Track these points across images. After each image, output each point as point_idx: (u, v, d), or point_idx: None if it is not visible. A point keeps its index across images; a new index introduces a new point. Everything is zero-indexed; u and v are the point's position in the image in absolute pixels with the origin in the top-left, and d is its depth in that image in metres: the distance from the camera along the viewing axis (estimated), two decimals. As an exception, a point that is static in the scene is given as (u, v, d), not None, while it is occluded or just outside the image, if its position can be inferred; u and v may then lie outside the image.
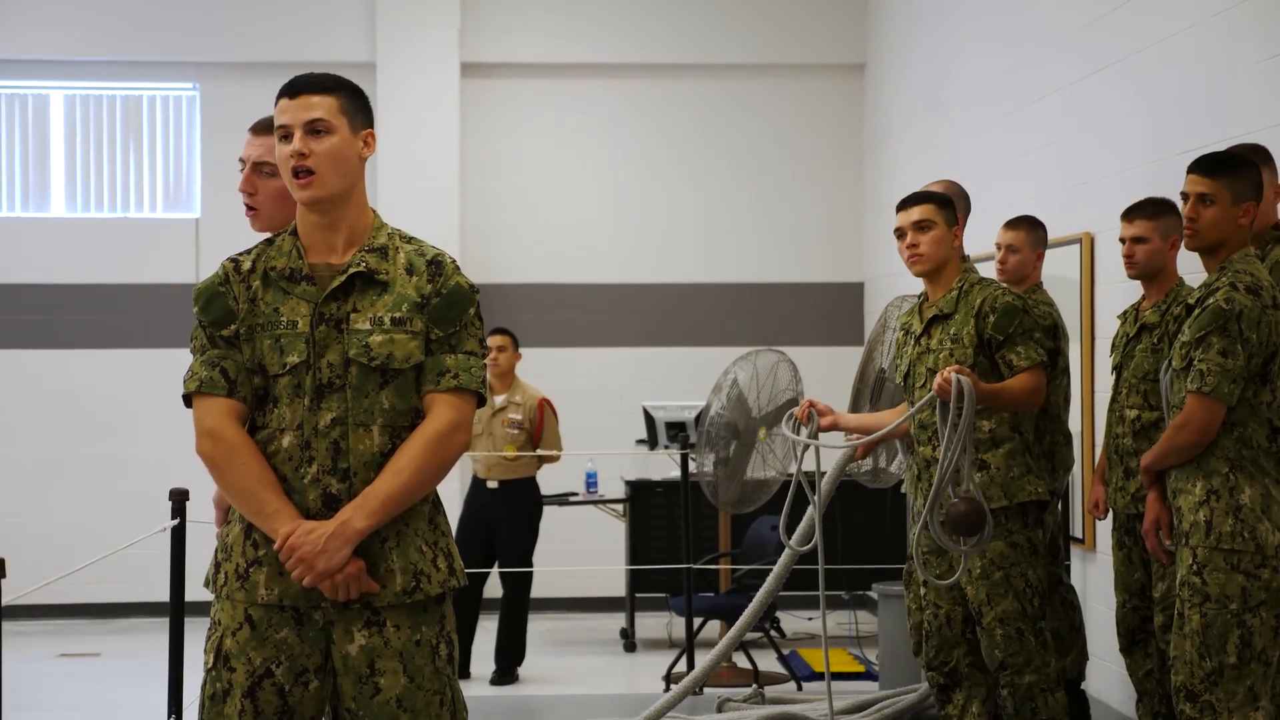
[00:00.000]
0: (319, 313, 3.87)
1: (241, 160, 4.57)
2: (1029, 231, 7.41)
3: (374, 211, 4.03)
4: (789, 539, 6.81)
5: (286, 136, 3.90)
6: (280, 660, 3.83)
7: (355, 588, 3.80)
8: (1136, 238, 6.44)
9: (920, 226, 6.19)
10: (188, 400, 3.93)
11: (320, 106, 3.91)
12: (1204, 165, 5.38)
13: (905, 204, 6.30)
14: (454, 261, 3.99)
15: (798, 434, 6.42)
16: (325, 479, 3.84)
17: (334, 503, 3.83)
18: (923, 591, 6.35)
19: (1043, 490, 6.14)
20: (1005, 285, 6.31)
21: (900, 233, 6.27)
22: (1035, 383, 6.04)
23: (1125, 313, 6.64)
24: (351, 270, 3.88)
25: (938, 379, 5.84)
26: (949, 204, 6.28)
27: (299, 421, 3.85)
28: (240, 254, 4.00)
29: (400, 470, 3.81)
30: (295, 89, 3.93)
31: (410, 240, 4.01)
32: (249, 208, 4.54)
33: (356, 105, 3.97)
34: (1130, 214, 6.50)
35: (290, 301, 3.89)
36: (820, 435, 6.46)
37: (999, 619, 6.04)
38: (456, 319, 3.93)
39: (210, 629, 3.94)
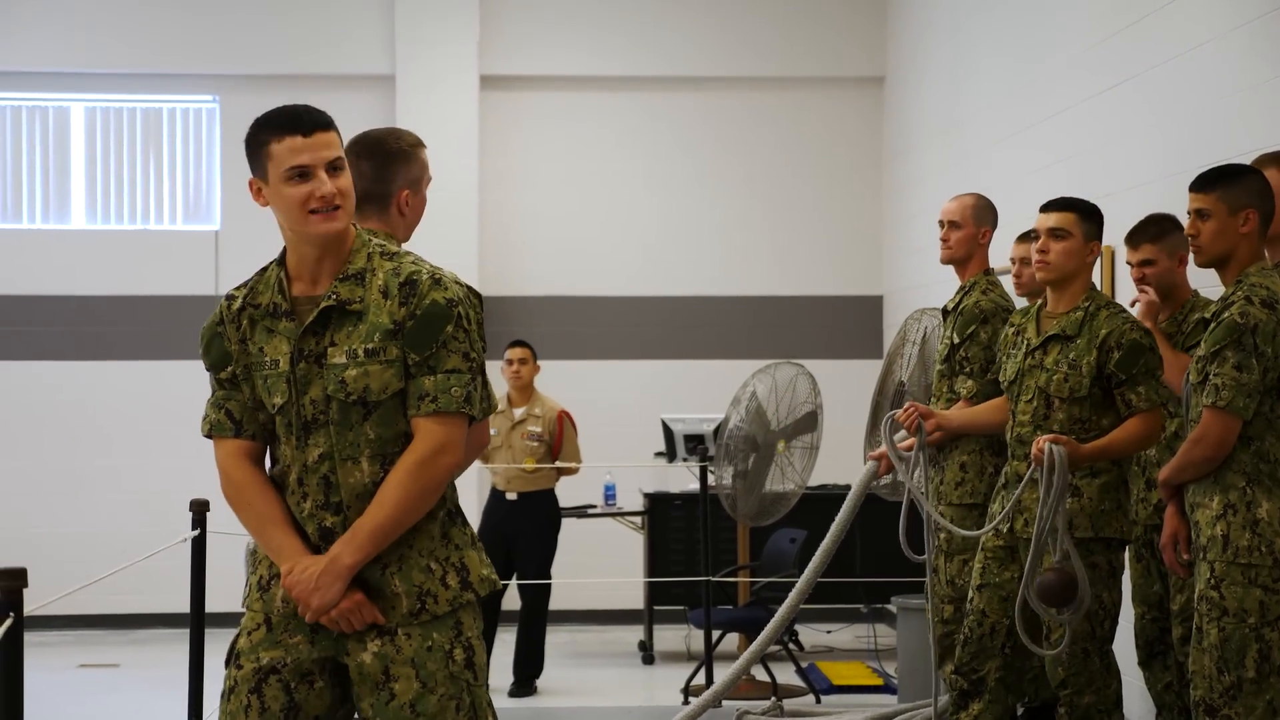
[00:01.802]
0: (298, 349, 3.84)
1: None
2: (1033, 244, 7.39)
3: (355, 228, 3.95)
4: (910, 548, 6.73)
5: (304, 175, 3.79)
6: (286, 661, 3.87)
7: (358, 620, 3.81)
8: (1144, 261, 6.41)
9: (1055, 234, 6.01)
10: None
11: (335, 144, 3.84)
12: (1198, 181, 5.38)
13: (1047, 207, 6.12)
14: (433, 276, 3.86)
15: (897, 439, 6.40)
16: (320, 513, 3.86)
17: (330, 536, 3.84)
18: (970, 595, 6.27)
19: (1129, 531, 6.00)
20: (1134, 319, 6.05)
21: (1034, 235, 6.12)
22: (1151, 427, 5.88)
23: None
24: (324, 304, 3.83)
25: (1034, 448, 5.75)
26: (1094, 215, 6.07)
27: (294, 458, 3.88)
28: (236, 288, 3.97)
29: (384, 502, 3.78)
30: (308, 126, 3.81)
31: (391, 257, 3.90)
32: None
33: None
34: (1134, 239, 6.47)
35: (274, 340, 3.88)
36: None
37: (1050, 644, 5.97)
38: (432, 340, 3.82)
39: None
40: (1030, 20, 9.70)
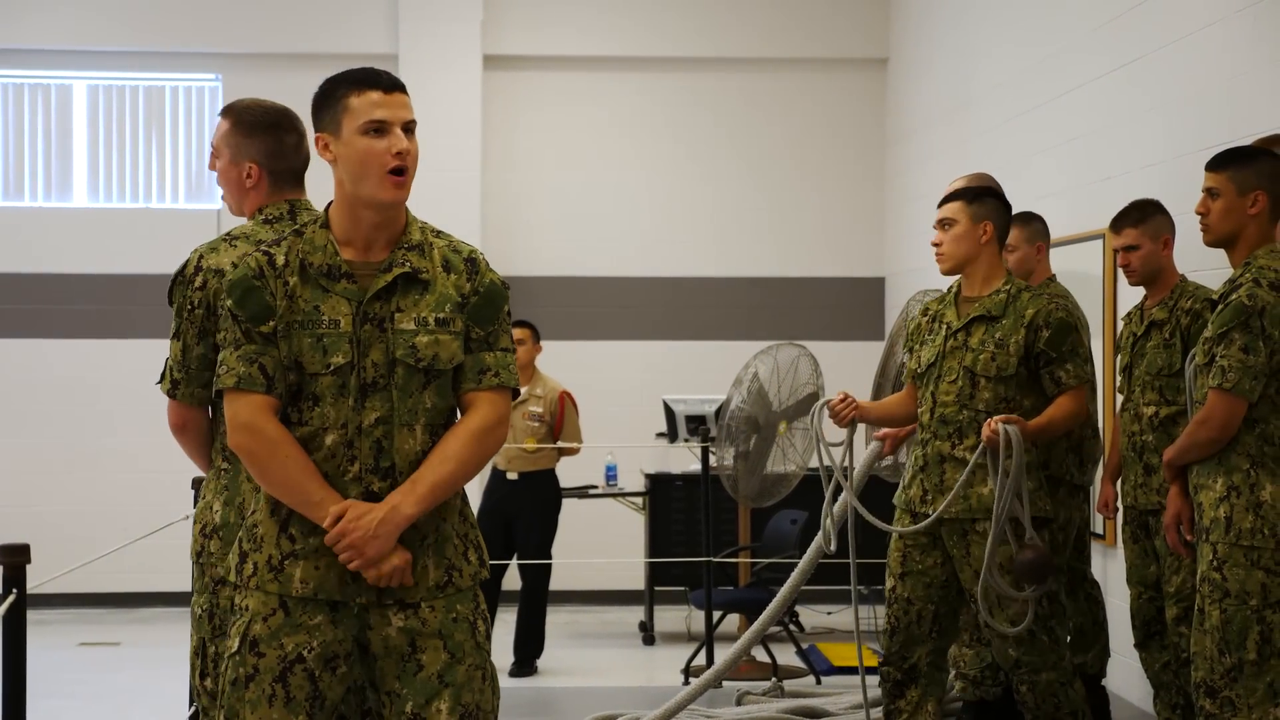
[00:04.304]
0: (363, 312, 3.85)
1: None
2: (1023, 227, 7.37)
3: (405, 207, 3.99)
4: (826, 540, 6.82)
5: (380, 130, 3.83)
6: (312, 646, 3.82)
7: (398, 579, 3.81)
8: (1128, 246, 6.48)
9: (943, 225, 6.15)
10: (219, 394, 3.89)
11: (411, 108, 3.90)
12: (1211, 161, 5.45)
13: (941, 202, 6.25)
14: (484, 258, 4.02)
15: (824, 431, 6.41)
16: (368, 477, 3.83)
17: (375, 500, 3.82)
18: (890, 584, 6.30)
19: (1049, 509, 6.05)
20: (1056, 298, 6.16)
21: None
22: (1079, 403, 5.97)
23: (1130, 314, 6.65)
24: (396, 270, 3.87)
25: (985, 430, 5.80)
26: (979, 197, 6.16)
27: (343, 420, 3.83)
28: (270, 245, 3.92)
29: (447, 459, 3.82)
30: (387, 84, 3.86)
31: (440, 235, 4.00)
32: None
33: None
34: (1117, 224, 6.54)
35: (331, 300, 3.85)
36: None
37: (1010, 622, 6.00)
38: (494, 317, 3.94)
39: (236, 615, 3.92)
40: (1035, 1, 9.68)
